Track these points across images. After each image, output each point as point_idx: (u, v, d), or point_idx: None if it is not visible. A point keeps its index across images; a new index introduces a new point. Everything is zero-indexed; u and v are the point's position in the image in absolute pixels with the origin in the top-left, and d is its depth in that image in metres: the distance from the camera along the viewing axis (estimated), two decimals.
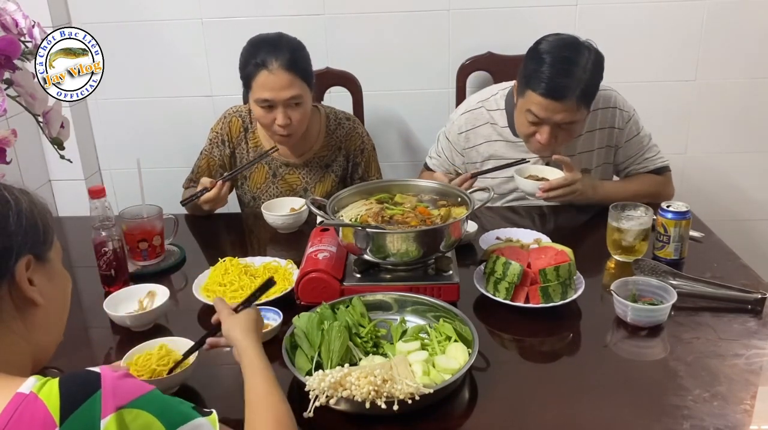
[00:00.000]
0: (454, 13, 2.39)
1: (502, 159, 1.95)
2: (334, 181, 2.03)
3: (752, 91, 2.48)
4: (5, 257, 0.79)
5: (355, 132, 2.04)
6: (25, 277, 0.81)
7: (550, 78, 1.70)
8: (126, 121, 2.55)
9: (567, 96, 1.70)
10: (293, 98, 1.81)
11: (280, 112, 1.81)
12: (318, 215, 1.48)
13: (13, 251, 0.80)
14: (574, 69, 1.70)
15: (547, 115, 1.73)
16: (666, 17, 2.38)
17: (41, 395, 0.70)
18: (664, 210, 1.56)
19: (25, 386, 0.71)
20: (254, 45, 1.84)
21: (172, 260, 1.67)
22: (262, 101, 1.81)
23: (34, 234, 0.84)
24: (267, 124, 1.85)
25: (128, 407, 0.72)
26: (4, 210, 0.80)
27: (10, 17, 1.24)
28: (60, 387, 0.70)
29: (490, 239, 1.69)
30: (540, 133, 1.78)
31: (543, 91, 1.71)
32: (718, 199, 2.61)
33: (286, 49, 1.80)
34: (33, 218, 0.84)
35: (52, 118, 1.31)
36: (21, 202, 0.83)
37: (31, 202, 0.85)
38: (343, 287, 1.40)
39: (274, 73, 1.77)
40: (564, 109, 1.72)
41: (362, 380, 1.04)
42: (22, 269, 0.81)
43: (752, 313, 1.37)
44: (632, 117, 1.95)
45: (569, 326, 1.37)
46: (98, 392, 0.71)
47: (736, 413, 1.08)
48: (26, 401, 0.69)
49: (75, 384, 0.71)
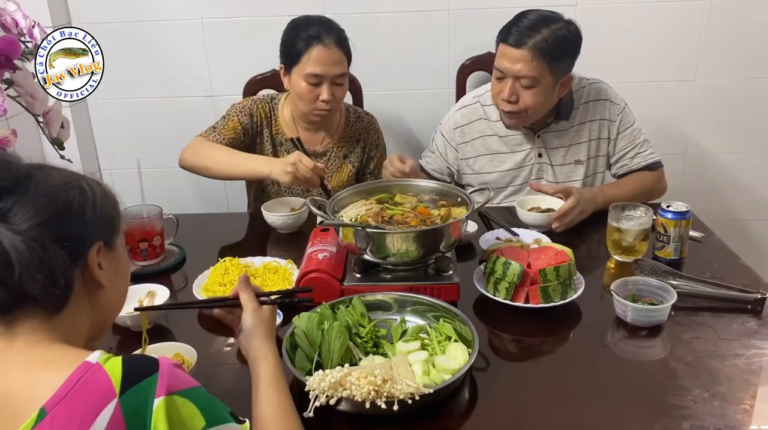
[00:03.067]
0: (454, 13, 2.39)
1: (496, 153, 2.00)
2: (350, 172, 2.05)
3: (752, 91, 2.48)
4: (81, 243, 0.86)
5: (373, 127, 2.09)
6: (96, 261, 0.88)
7: (512, 27, 1.80)
8: (126, 121, 2.55)
9: (525, 43, 1.77)
10: (341, 76, 1.85)
11: (326, 88, 1.84)
12: (318, 214, 1.48)
13: (88, 238, 0.87)
14: (540, 24, 1.78)
15: (507, 65, 1.80)
16: (666, 17, 2.38)
17: (106, 366, 0.77)
18: (664, 210, 1.56)
19: (93, 356, 0.78)
20: (303, 21, 1.87)
21: (172, 260, 1.67)
22: (312, 76, 1.82)
23: (106, 223, 0.91)
24: (310, 99, 1.86)
25: (178, 395, 0.78)
26: (83, 200, 0.87)
27: (10, 17, 1.24)
28: (123, 364, 0.78)
29: (490, 239, 1.69)
30: (503, 89, 1.83)
31: (503, 38, 1.81)
32: (718, 199, 2.61)
33: (336, 28, 1.86)
34: (105, 208, 0.91)
35: (52, 118, 1.31)
36: (96, 192, 0.89)
37: (104, 193, 0.92)
38: (343, 287, 1.41)
39: (329, 47, 1.81)
40: (521, 59, 1.78)
41: (362, 380, 1.04)
42: (94, 254, 0.88)
43: (752, 313, 1.37)
44: (624, 109, 1.98)
45: (569, 326, 1.37)
46: (156, 374, 0.78)
47: (736, 413, 1.08)
48: (92, 370, 0.76)
49: (136, 363, 0.79)
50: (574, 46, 1.82)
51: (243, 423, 0.87)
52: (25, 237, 0.79)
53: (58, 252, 0.81)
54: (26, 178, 0.83)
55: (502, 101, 1.85)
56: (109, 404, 0.74)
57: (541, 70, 1.79)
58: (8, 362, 0.79)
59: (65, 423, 0.73)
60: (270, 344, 1.07)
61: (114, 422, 0.74)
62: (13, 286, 0.79)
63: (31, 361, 0.79)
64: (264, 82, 2.29)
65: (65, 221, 0.84)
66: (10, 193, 0.81)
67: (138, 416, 0.75)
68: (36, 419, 0.73)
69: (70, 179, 0.88)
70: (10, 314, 0.81)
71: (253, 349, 1.07)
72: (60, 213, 0.84)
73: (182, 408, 0.78)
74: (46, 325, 0.83)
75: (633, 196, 1.80)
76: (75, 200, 0.86)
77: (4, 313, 0.81)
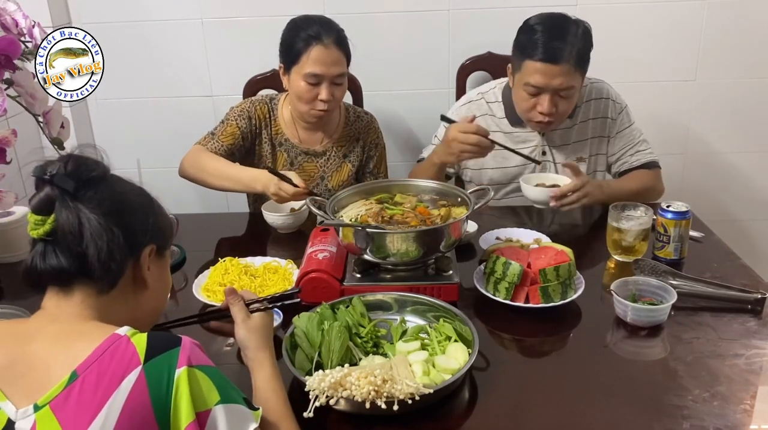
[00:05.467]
0: (454, 13, 2.39)
1: (500, 150, 1.95)
2: (350, 172, 2.05)
3: (752, 91, 2.47)
4: (140, 239, 0.96)
5: (373, 126, 2.09)
6: (147, 261, 0.97)
7: (545, 43, 1.76)
8: (126, 121, 2.55)
9: (563, 58, 1.75)
10: (340, 76, 1.85)
11: (325, 88, 1.83)
12: (318, 214, 1.48)
13: (146, 237, 0.97)
14: (567, 34, 1.77)
15: (546, 81, 1.77)
16: (666, 17, 2.38)
17: (133, 339, 0.86)
18: (664, 210, 1.56)
19: (122, 330, 0.87)
20: (302, 21, 1.86)
21: (172, 260, 1.67)
22: (311, 76, 1.82)
23: (162, 232, 1.01)
24: (309, 98, 1.86)
25: (197, 368, 0.86)
26: (149, 206, 1.00)
27: (10, 17, 1.25)
28: (148, 338, 0.86)
29: (490, 239, 1.69)
30: (540, 103, 1.81)
31: (541, 56, 1.76)
32: (718, 199, 2.61)
33: (335, 28, 1.85)
34: (164, 220, 1.03)
35: (52, 118, 1.31)
36: (160, 206, 1.03)
37: (164, 210, 1.04)
38: (343, 287, 1.41)
39: (328, 47, 1.80)
40: (562, 73, 1.76)
41: (362, 380, 1.04)
42: (147, 253, 0.97)
43: (752, 313, 1.37)
44: (624, 109, 2.00)
45: (569, 326, 1.37)
46: (178, 348, 0.86)
47: (736, 413, 1.08)
48: (121, 340, 0.85)
49: (161, 338, 0.88)
50: (592, 43, 1.84)
51: (256, 410, 0.92)
52: (100, 218, 0.90)
53: (120, 238, 0.92)
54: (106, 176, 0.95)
55: (539, 114, 1.84)
56: (134, 370, 0.82)
57: (578, 77, 1.81)
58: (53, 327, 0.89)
59: (94, 384, 0.81)
60: (263, 352, 1.07)
61: (138, 386, 0.82)
62: (79, 255, 0.89)
63: (70, 331, 0.89)
64: (264, 82, 2.29)
65: (131, 216, 0.95)
66: (92, 184, 0.92)
67: (161, 382, 0.83)
68: (68, 380, 0.82)
69: (142, 189, 1.01)
70: (68, 286, 0.91)
71: (248, 359, 1.07)
72: (129, 209, 0.95)
73: (201, 380, 0.86)
74: (92, 301, 0.92)
75: (636, 193, 1.81)
76: (143, 203, 0.99)
77: (64, 283, 0.91)
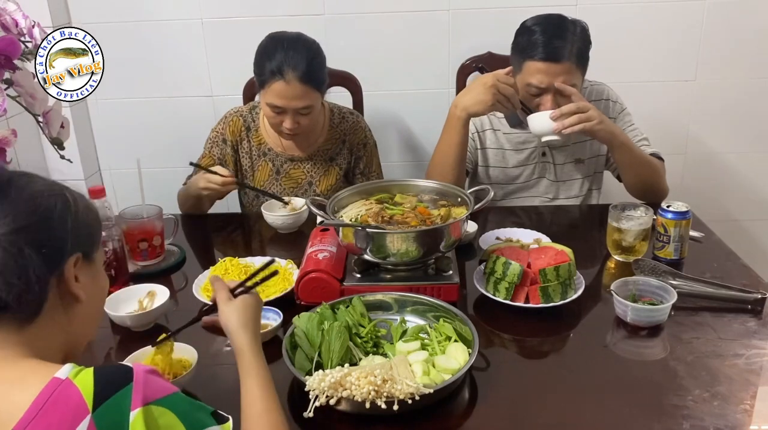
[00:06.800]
0: (454, 13, 2.39)
1: (500, 149, 2.00)
2: (338, 175, 2.04)
3: (752, 91, 2.48)
4: (60, 253, 0.84)
5: (359, 126, 2.06)
6: (72, 273, 0.86)
7: (545, 42, 1.77)
8: (126, 121, 2.55)
9: (564, 56, 1.76)
10: (305, 108, 1.82)
11: (289, 118, 1.82)
12: (318, 215, 1.48)
13: (66, 248, 0.85)
14: (566, 33, 1.77)
15: (549, 80, 1.78)
16: (666, 17, 2.38)
17: (76, 381, 0.73)
18: (664, 210, 1.56)
19: (62, 371, 0.74)
20: (271, 46, 1.80)
21: (172, 260, 1.67)
22: (273, 106, 1.81)
23: (86, 234, 0.90)
24: (275, 124, 1.87)
25: (155, 404, 0.75)
26: (64, 209, 0.86)
27: (10, 17, 1.24)
28: (95, 376, 0.74)
29: (490, 239, 1.69)
30: (543, 103, 1.81)
31: (542, 56, 1.77)
32: (718, 199, 2.61)
33: (303, 58, 1.76)
34: (87, 220, 0.90)
35: (52, 118, 1.31)
36: (78, 203, 0.89)
37: (86, 206, 0.91)
38: (343, 287, 1.41)
39: (289, 84, 1.76)
40: (563, 71, 1.77)
41: (362, 380, 1.04)
42: (71, 265, 0.86)
43: (752, 313, 1.37)
44: (624, 109, 2.00)
45: (569, 326, 1.37)
46: (130, 385, 0.74)
47: (736, 413, 1.08)
48: (62, 386, 0.73)
49: (109, 375, 0.75)
50: (590, 41, 1.84)
51: (225, 422, 0.83)
52: (2, 241, 0.77)
53: (34, 259, 0.79)
54: (7, 184, 0.82)
55: None
56: (83, 422, 0.71)
57: (579, 76, 1.81)
58: None
59: None
60: (243, 335, 1.02)
61: None
62: None
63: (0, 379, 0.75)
64: None
65: (45, 228, 0.82)
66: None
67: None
68: None
69: (53, 188, 0.87)
70: None
71: (232, 343, 1.04)
72: (40, 220, 0.82)
73: (160, 418, 0.75)
74: (16, 337, 0.80)
75: (642, 161, 1.83)
76: (57, 209, 0.85)
77: None
